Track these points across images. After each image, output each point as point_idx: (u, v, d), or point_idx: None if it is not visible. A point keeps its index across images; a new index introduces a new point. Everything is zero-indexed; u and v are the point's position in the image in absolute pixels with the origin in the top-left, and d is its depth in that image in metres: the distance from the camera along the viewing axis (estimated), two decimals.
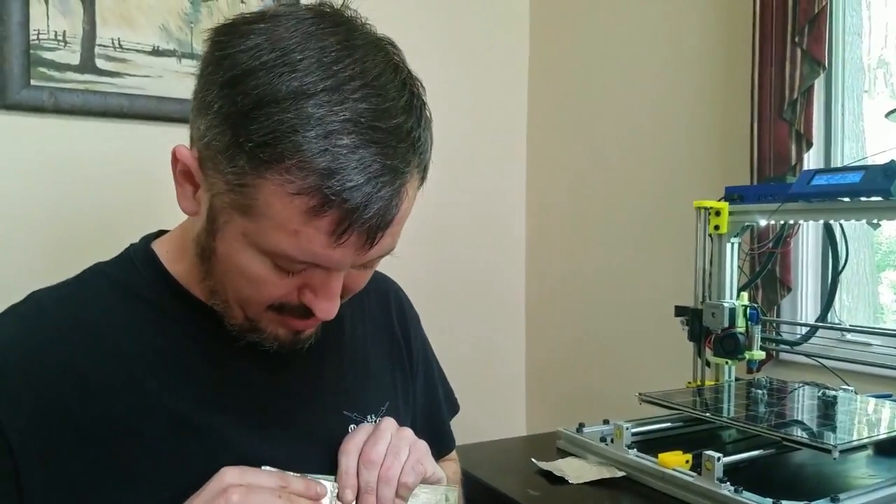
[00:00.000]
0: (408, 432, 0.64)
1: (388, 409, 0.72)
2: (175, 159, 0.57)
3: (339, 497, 0.58)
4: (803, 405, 1.12)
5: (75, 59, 1.46)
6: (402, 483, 0.60)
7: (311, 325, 0.61)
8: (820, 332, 1.28)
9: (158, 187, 0.59)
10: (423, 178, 0.58)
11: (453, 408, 0.88)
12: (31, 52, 1.42)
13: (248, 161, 0.50)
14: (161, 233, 0.69)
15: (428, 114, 0.57)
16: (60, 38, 1.45)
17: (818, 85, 1.39)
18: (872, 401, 1.10)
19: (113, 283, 0.64)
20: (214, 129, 0.52)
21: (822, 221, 1.17)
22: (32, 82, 1.43)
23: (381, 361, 0.76)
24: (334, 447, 0.62)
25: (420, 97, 0.56)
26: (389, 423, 0.63)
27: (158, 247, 0.66)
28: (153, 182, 0.59)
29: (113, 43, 1.49)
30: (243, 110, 0.50)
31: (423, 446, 0.64)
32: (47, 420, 0.55)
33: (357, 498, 0.59)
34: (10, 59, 1.40)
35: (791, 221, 1.20)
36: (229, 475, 0.54)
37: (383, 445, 0.61)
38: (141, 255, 0.66)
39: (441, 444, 0.83)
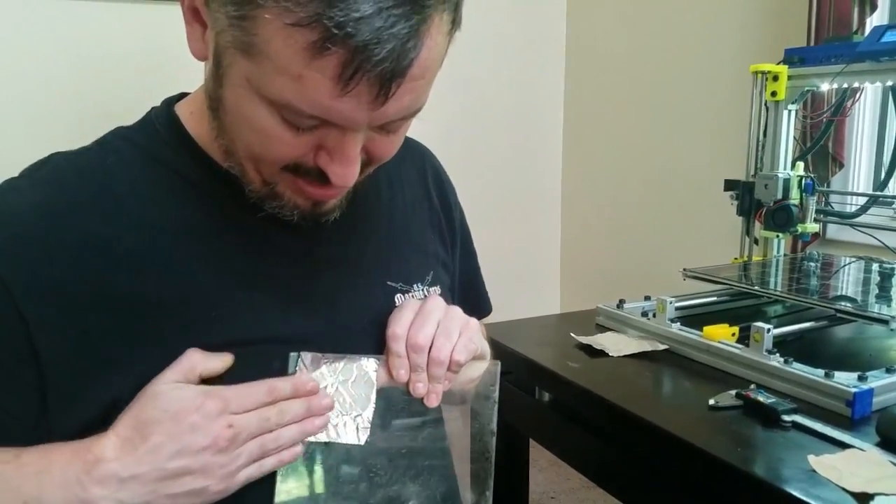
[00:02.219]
0: (457, 311, 0.60)
1: (433, 278, 0.69)
2: None
3: (393, 376, 0.57)
4: (856, 279, 1.07)
5: None
6: (454, 361, 0.58)
7: (329, 193, 0.55)
8: (872, 211, 1.21)
9: (194, 67, 0.55)
10: (454, 23, 0.48)
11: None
12: None
13: None
14: (183, 96, 0.64)
15: None
16: None
17: None
18: None
19: (135, 148, 0.59)
20: None
21: (889, 83, 1.07)
22: None
23: (422, 230, 0.73)
24: (379, 319, 0.59)
25: None
26: (437, 304, 0.60)
27: (181, 109, 0.61)
28: (190, 63, 0.55)
29: None
30: None
31: (474, 324, 0.61)
32: (70, 291, 0.53)
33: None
34: None
35: (855, 85, 1.10)
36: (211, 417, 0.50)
37: (431, 328, 0.58)
38: (163, 119, 0.61)
39: (481, 309, 0.82)
